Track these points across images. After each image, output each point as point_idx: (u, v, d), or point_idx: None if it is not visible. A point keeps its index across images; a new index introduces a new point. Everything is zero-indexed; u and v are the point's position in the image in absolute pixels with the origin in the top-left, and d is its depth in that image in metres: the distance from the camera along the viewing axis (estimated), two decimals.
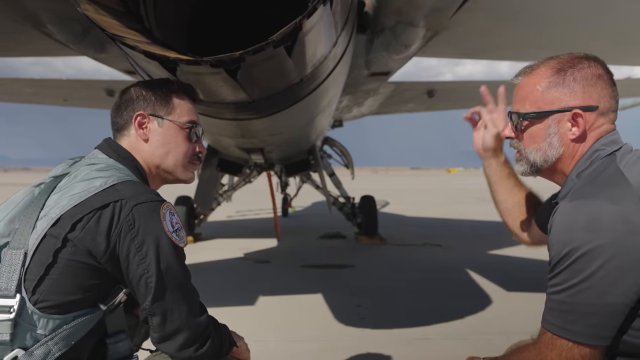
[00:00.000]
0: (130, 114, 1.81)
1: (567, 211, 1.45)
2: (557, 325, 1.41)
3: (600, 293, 1.35)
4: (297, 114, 3.91)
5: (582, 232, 1.37)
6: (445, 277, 6.65)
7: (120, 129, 1.84)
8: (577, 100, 1.55)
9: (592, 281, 1.35)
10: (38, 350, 1.47)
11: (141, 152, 1.82)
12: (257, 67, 2.39)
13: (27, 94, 10.59)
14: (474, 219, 14.11)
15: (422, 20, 3.75)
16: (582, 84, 1.55)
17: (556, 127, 1.58)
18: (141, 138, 1.81)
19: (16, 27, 3.70)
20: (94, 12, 2.10)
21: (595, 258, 1.34)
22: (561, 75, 1.57)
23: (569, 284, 1.38)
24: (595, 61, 1.58)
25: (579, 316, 1.38)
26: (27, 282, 1.49)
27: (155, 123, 1.81)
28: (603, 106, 1.56)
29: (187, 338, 1.58)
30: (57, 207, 1.56)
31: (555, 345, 1.42)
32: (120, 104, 1.84)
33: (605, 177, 1.48)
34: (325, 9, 2.28)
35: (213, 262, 7.95)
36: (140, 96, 1.82)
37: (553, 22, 4.55)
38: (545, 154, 1.61)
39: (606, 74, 1.58)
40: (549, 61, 1.61)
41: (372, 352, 3.84)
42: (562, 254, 1.39)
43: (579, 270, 1.36)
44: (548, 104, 1.58)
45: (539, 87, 1.60)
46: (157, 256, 1.55)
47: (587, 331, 1.37)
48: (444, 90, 10.48)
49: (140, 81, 1.93)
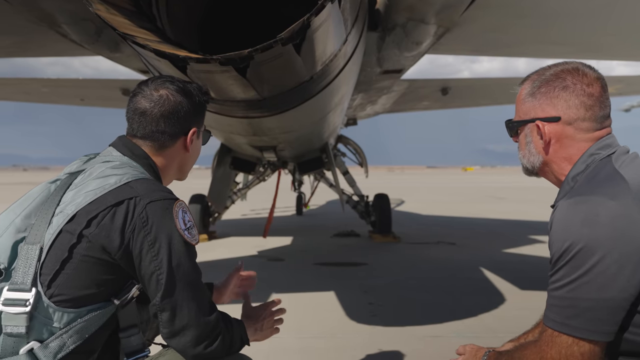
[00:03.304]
0: (185, 127, 1.82)
1: (565, 208, 1.47)
2: (558, 321, 1.42)
3: (599, 287, 1.36)
4: (308, 111, 3.93)
5: (580, 228, 1.39)
6: (459, 275, 6.63)
7: (163, 137, 1.80)
8: (542, 112, 1.66)
9: (591, 276, 1.36)
10: (53, 343, 1.51)
11: (179, 160, 1.88)
12: (266, 64, 2.41)
13: (45, 94, 10.74)
14: (489, 218, 14.02)
15: (434, 17, 3.75)
16: (548, 97, 1.65)
17: (530, 136, 1.71)
18: (186, 150, 1.87)
19: (33, 28, 3.78)
20: (105, 11, 2.15)
21: (593, 253, 1.36)
22: (534, 88, 1.68)
23: (568, 280, 1.40)
24: (572, 74, 1.63)
25: (578, 311, 1.38)
26: (43, 276, 1.53)
27: (196, 136, 1.89)
28: (568, 117, 1.62)
29: (195, 335, 1.60)
30: (72, 203, 1.60)
31: (555, 342, 1.43)
32: (173, 113, 1.78)
33: (602, 176, 1.51)
34: (333, 6, 2.29)
35: (227, 259, 8.00)
36: (189, 111, 1.82)
37: (565, 18, 4.52)
38: (529, 160, 1.73)
39: (577, 85, 1.61)
40: (533, 74, 1.73)
41: (383, 350, 3.85)
42: (562, 250, 1.41)
43: (578, 265, 1.38)
44: (524, 114, 1.72)
45: (521, 97, 1.73)
46: (169, 253, 1.58)
47: (586, 326, 1.38)
48: (458, 88, 10.43)
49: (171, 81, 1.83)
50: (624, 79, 9.75)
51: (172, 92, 1.79)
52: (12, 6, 3.31)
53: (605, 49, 5.91)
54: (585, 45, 5.75)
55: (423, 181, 50.26)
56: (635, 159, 1.57)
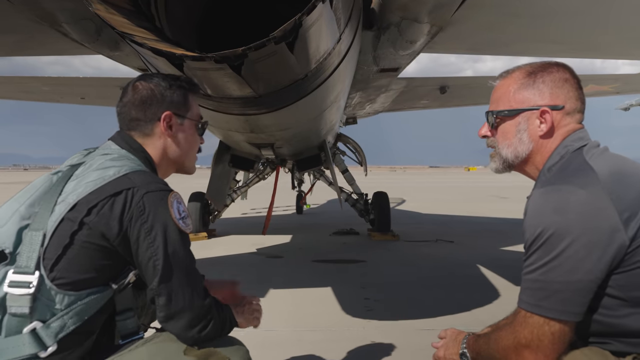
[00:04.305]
0: (157, 113, 1.91)
1: (538, 197, 1.57)
2: (530, 302, 1.51)
3: (568, 271, 1.44)
4: (304, 108, 4.00)
5: (551, 215, 1.48)
6: (456, 272, 6.70)
7: (140, 124, 1.92)
8: (545, 100, 1.71)
9: (561, 259, 1.45)
10: (54, 323, 1.60)
11: (163, 148, 1.95)
12: (260, 62, 2.49)
13: (45, 93, 10.77)
14: (490, 216, 14.08)
15: (426, 17, 3.81)
16: (550, 86, 1.71)
17: (526, 124, 1.74)
18: (167, 136, 1.94)
19: (34, 27, 3.85)
20: (105, 11, 2.23)
21: (563, 238, 1.44)
22: (532, 78, 1.73)
23: (540, 263, 1.48)
24: (564, 67, 1.73)
25: (549, 293, 1.47)
26: (46, 260, 1.62)
27: (178, 121, 1.95)
28: (569, 106, 1.70)
29: (190, 318, 1.69)
30: (74, 193, 1.70)
31: (528, 323, 1.52)
32: (143, 101, 1.91)
33: (573, 167, 1.60)
34: (324, 6, 2.37)
35: (226, 256, 8.09)
36: (164, 96, 1.92)
37: (560, 16, 4.58)
38: (515, 150, 1.77)
39: (573, 79, 1.72)
40: (522, 67, 1.79)
41: (375, 342, 3.93)
42: (534, 236, 1.50)
43: (549, 250, 1.46)
44: (519, 103, 1.75)
45: (512, 88, 1.77)
46: (164, 240, 1.68)
47: (557, 307, 1.47)
48: (456, 86, 10.45)
49: (151, 76, 1.99)
50: (621, 77, 9.78)
51: (144, 83, 1.93)
52: (13, 5, 3.39)
53: (602, 48, 5.96)
54: (582, 44, 5.81)
55: (425, 180, 50.30)
56: (604, 152, 1.66)
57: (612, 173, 1.53)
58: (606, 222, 1.44)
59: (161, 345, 1.73)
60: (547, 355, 1.48)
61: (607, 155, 1.63)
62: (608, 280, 1.47)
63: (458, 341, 1.82)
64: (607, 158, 1.61)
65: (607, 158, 1.61)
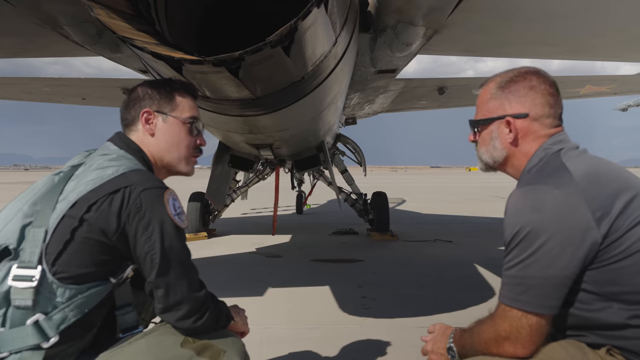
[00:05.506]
0: (138, 110, 2.03)
1: (516, 196, 1.66)
2: (509, 297, 1.59)
3: (544, 267, 1.52)
4: (302, 110, 4.06)
5: (528, 213, 1.56)
6: (453, 271, 6.77)
7: (128, 124, 2.06)
8: (512, 109, 1.81)
9: (537, 256, 1.53)
10: (56, 316, 1.68)
11: (148, 146, 2.03)
12: (257, 65, 2.55)
13: (47, 93, 10.80)
14: (489, 216, 14.13)
15: (421, 20, 3.88)
16: (516, 95, 1.81)
17: (497, 132, 1.86)
18: (148, 133, 2.03)
19: (36, 29, 3.92)
20: (105, 15, 2.29)
21: (539, 235, 1.52)
22: (500, 88, 1.85)
23: (518, 260, 1.56)
24: (533, 75, 1.82)
25: (527, 288, 1.55)
26: (48, 255, 1.70)
27: (160, 119, 2.04)
28: (534, 113, 1.79)
29: (187, 309, 1.79)
30: (74, 191, 1.78)
31: (507, 316, 1.59)
32: (129, 102, 2.06)
33: (550, 168, 1.68)
34: (319, 10, 2.43)
35: (226, 256, 8.14)
36: (146, 94, 2.04)
37: (553, 19, 4.64)
38: (492, 155, 1.89)
39: (541, 85, 1.80)
40: (495, 77, 1.90)
41: (372, 339, 4.00)
42: (513, 233, 1.58)
43: (526, 246, 1.54)
44: (490, 112, 1.87)
45: (485, 98, 1.89)
46: (161, 235, 1.77)
47: (533, 300, 1.54)
48: (455, 87, 10.50)
49: (146, 81, 2.15)
50: (618, 78, 9.83)
51: (136, 87, 2.06)
52: (16, 8, 3.46)
53: (597, 50, 6.03)
54: (577, 46, 5.87)
55: (425, 180, 50.36)
56: (582, 153, 1.74)
57: (587, 174, 1.60)
58: (579, 220, 1.51)
59: (159, 337, 1.81)
60: (526, 346, 1.56)
61: (584, 157, 1.71)
62: (583, 276, 1.55)
63: (446, 336, 1.89)
64: (584, 159, 1.69)
65: (583, 159, 1.69)
